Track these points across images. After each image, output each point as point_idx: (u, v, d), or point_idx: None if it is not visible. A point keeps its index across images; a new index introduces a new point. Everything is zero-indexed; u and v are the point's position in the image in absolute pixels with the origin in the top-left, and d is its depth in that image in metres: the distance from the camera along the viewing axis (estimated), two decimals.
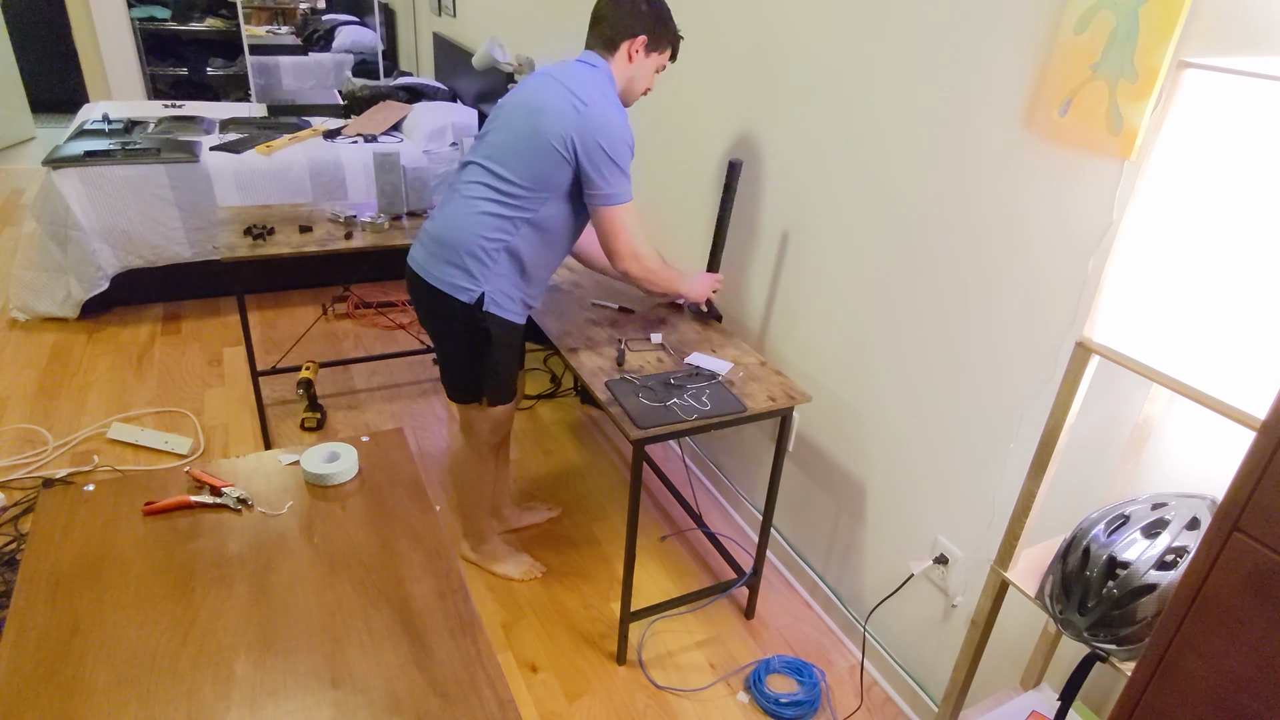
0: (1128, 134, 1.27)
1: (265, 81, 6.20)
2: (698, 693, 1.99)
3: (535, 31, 3.74)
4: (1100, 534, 1.14)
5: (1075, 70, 1.33)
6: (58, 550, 1.21)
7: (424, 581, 1.21)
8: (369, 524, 1.32)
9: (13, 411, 2.87)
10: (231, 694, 1.01)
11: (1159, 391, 1.27)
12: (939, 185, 1.67)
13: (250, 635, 1.10)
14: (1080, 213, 1.39)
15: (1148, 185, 1.00)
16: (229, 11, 6.32)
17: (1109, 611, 1.10)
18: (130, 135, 3.70)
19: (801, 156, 2.07)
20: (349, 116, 4.41)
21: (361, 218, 2.70)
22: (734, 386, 1.89)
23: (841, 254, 1.99)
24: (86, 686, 1.00)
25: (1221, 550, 0.79)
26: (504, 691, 1.05)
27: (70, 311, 3.45)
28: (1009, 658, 1.69)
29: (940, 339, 1.73)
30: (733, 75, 2.29)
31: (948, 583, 1.81)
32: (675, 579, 2.35)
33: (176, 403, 3.01)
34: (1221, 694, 0.81)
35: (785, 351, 2.26)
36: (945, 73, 1.61)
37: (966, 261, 1.63)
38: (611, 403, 1.77)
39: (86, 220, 3.34)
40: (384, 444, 1.53)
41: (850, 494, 2.09)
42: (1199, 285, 0.96)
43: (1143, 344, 1.03)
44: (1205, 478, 1.26)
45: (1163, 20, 1.19)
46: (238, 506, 1.33)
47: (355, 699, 1.02)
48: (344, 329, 3.65)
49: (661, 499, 2.70)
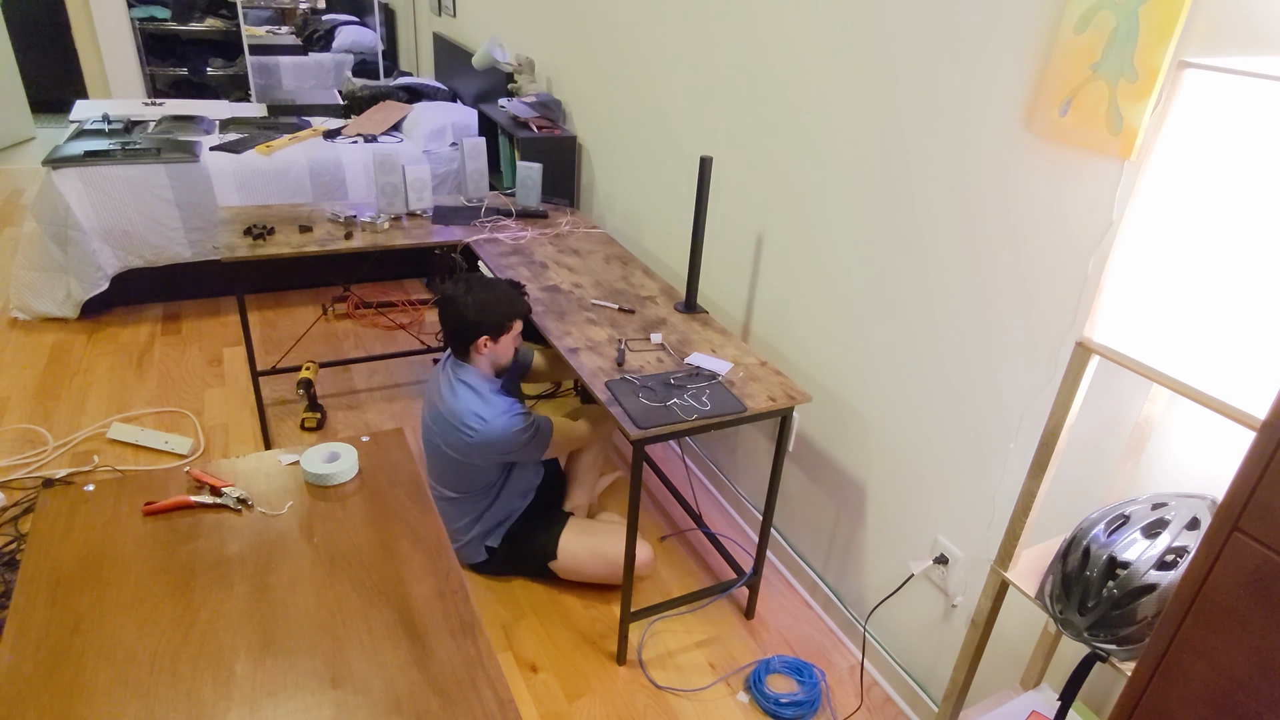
0: (1128, 134, 1.27)
1: (265, 81, 6.20)
2: (698, 693, 1.99)
3: (535, 31, 3.74)
4: (1100, 534, 1.14)
5: (1075, 70, 1.33)
6: (58, 550, 1.21)
7: (424, 582, 1.21)
8: (369, 524, 1.32)
9: (13, 411, 2.87)
10: (231, 694, 1.01)
11: (1159, 391, 1.27)
12: (939, 185, 1.67)
13: (250, 635, 1.10)
14: (1080, 213, 1.39)
15: (1148, 185, 1.00)
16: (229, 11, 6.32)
17: (1109, 611, 1.10)
18: (130, 135, 3.70)
19: (800, 157, 2.07)
20: (349, 116, 4.41)
21: (361, 218, 2.70)
22: (734, 387, 1.89)
23: (842, 254, 1.98)
24: (86, 686, 1.00)
25: (1221, 550, 0.79)
26: (504, 691, 1.05)
27: (70, 311, 3.45)
28: (1009, 658, 1.69)
29: (940, 339, 1.73)
30: (733, 75, 2.29)
31: (948, 583, 1.81)
32: (676, 579, 2.35)
33: (176, 403, 3.01)
34: (1221, 694, 0.81)
35: (786, 351, 2.26)
36: (945, 73, 1.61)
37: (967, 261, 1.63)
38: (611, 403, 1.77)
39: (86, 220, 3.34)
40: (384, 444, 1.53)
41: (850, 494, 2.09)
42: (1199, 285, 0.96)
43: (1143, 344, 1.03)
44: (1205, 478, 1.26)
45: (1163, 20, 1.19)
46: (238, 507, 1.33)
47: (355, 699, 1.02)
48: (344, 329, 3.65)
49: (662, 499, 2.70)
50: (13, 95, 5.74)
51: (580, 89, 3.34)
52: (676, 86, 2.60)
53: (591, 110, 3.26)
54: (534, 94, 3.52)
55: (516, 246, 2.64)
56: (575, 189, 3.49)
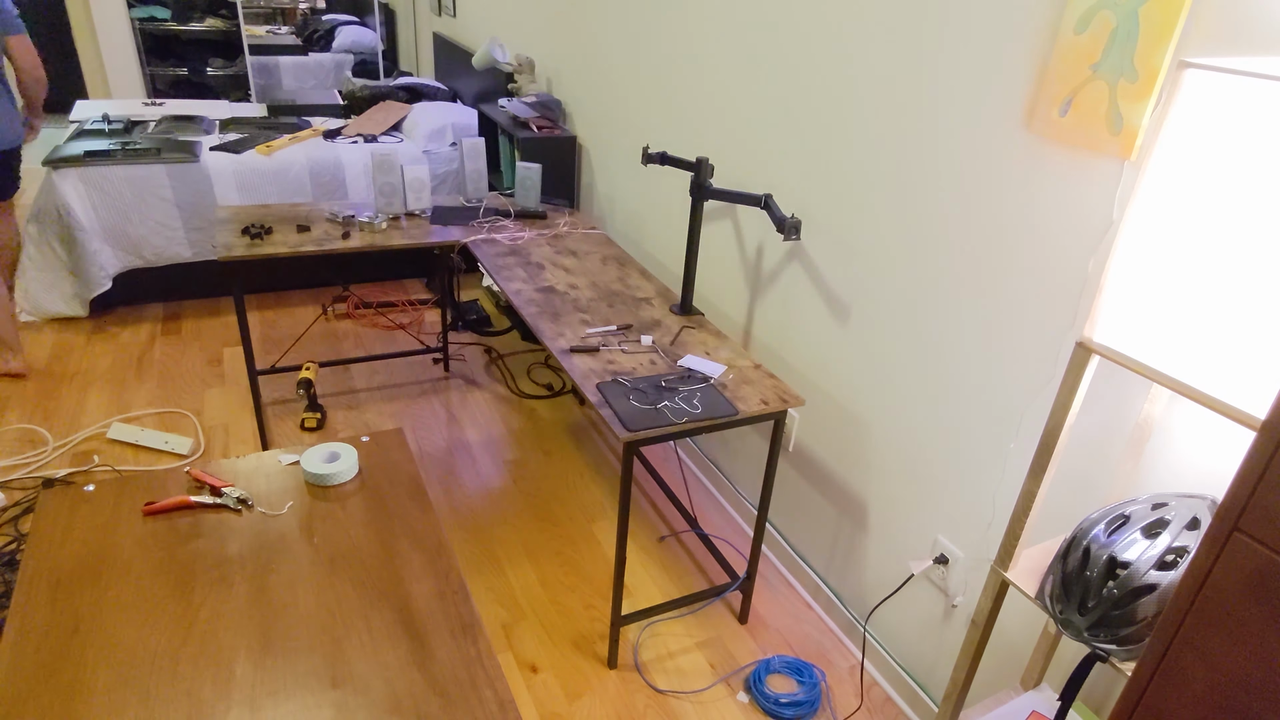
0: (1128, 134, 1.27)
1: (265, 81, 6.20)
2: (698, 693, 1.99)
3: (535, 31, 3.74)
4: (1100, 534, 1.14)
5: (1075, 70, 1.33)
6: (58, 550, 1.21)
7: (424, 582, 1.21)
8: (369, 524, 1.32)
9: (13, 411, 2.87)
10: (231, 694, 1.01)
11: (1159, 391, 1.27)
12: (939, 185, 1.67)
13: (250, 635, 1.10)
14: (1080, 213, 1.39)
15: (1148, 185, 1.00)
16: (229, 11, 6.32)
17: (1109, 611, 1.10)
18: (130, 135, 3.70)
19: (799, 157, 2.07)
20: (349, 116, 4.41)
21: (359, 218, 2.70)
22: (726, 389, 1.89)
23: (840, 254, 1.99)
24: (87, 686, 1.00)
25: (1222, 550, 0.79)
26: (504, 692, 1.05)
27: (80, 310, 3.46)
28: (1009, 658, 1.69)
29: (940, 339, 1.73)
30: (732, 75, 2.29)
31: (948, 583, 1.81)
32: (675, 579, 2.35)
33: (176, 403, 3.00)
34: (1221, 694, 0.81)
35: (784, 353, 2.26)
36: (945, 73, 1.61)
37: (966, 261, 1.63)
38: (602, 404, 1.77)
39: (87, 220, 3.34)
40: (384, 444, 1.53)
41: (850, 494, 2.09)
42: (1199, 285, 0.96)
43: (1143, 344, 1.03)
44: (1205, 478, 1.26)
45: (1163, 20, 1.19)
46: (238, 507, 1.33)
47: (355, 699, 1.02)
48: (344, 329, 3.65)
49: (662, 500, 2.70)
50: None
51: (580, 89, 3.34)
52: (677, 87, 2.60)
53: (591, 110, 3.26)
54: (534, 94, 3.52)
55: (514, 247, 2.64)
56: (575, 190, 3.49)
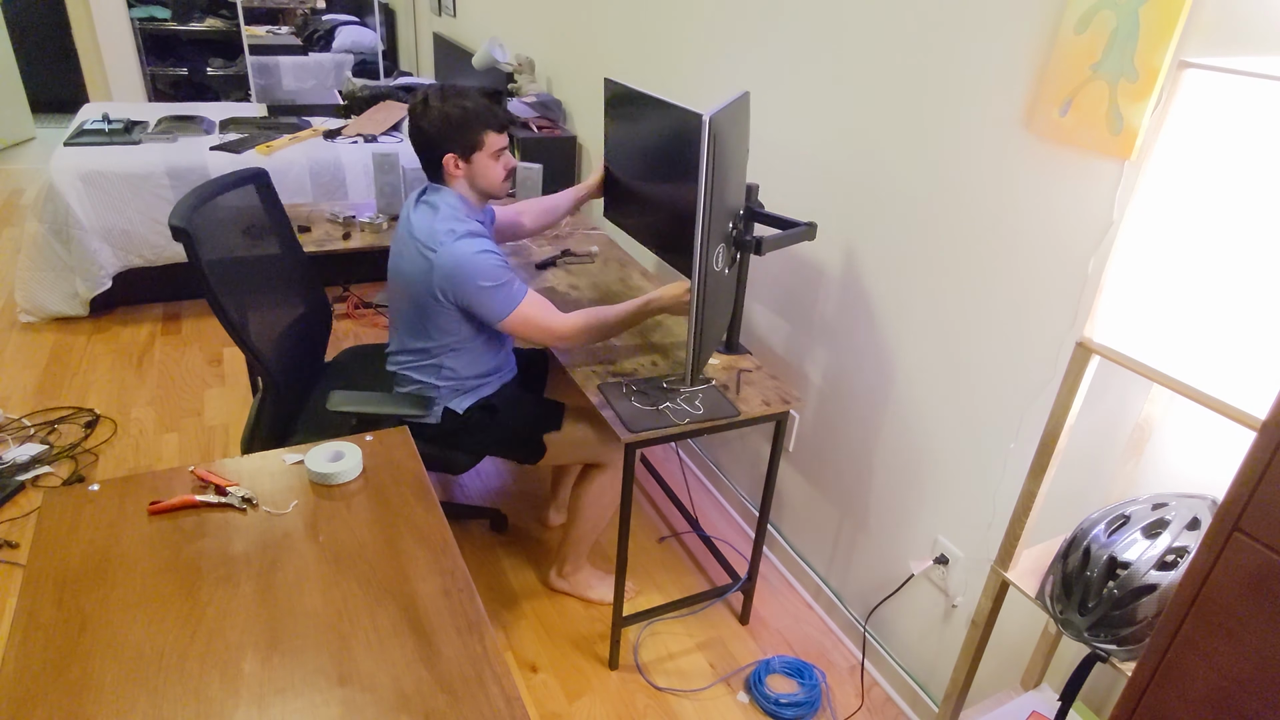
0: (1128, 134, 1.28)
1: (265, 81, 6.20)
2: (698, 693, 2.00)
3: (535, 31, 3.75)
4: (1101, 534, 1.15)
5: (1075, 70, 1.34)
6: (64, 550, 1.21)
7: (429, 580, 1.22)
8: (374, 523, 1.33)
9: (13, 411, 2.87)
10: (240, 692, 1.02)
11: (1159, 391, 1.28)
12: (939, 185, 1.68)
13: (257, 633, 1.10)
14: (1080, 213, 1.40)
15: (1148, 185, 1.01)
16: (229, 11, 6.32)
17: (1109, 612, 1.11)
18: (130, 135, 3.70)
19: (799, 157, 2.08)
20: (349, 116, 4.41)
21: (360, 218, 2.70)
22: (728, 391, 1.89)
23: (840, 254, 1.99)
24: (95, 685, 1.01)
25: (1222, 550, 0.79)
26: (511, 689, 1.06)
27: (80, 309, 3.46)
28: (1009, 658, 1.69)
29: (940, 339, 1.74)
30: (732, 75, 2.30)
31: (948, 583, 1.82)
32: (676, 580, 2.36)
33: (176, 402, 3.01)
34: (1221, 694, 0.82)
35: (784, 353, 2.27)
36: (945, 72, 1.62)
37: (966, 261, 1.64)
38: (603, 406, 1.77)
39: (87, 219, 3.34)
40: (388, 443, 1.54)
41: (851, 494, 2.10)
42: (1199, 285, 0.96)
43: (1143, 344, 1.03)
44: (1205, 478, 1.27)
45: (1163, 20, 1.20)
46: (243, 506, 1.34)
47: (363, 696, 1.03)
48: (344, 329, 3.66)
49: (664, 500, 2.70)
50: (13, 95, 5.73)
51: (580, 89, 3.35)
52: (676, 87, 2.60)
53: (591, 110, 3.26)
54: (534, 94, 3.52)
55: (514, 248, 2.64)
56: None
